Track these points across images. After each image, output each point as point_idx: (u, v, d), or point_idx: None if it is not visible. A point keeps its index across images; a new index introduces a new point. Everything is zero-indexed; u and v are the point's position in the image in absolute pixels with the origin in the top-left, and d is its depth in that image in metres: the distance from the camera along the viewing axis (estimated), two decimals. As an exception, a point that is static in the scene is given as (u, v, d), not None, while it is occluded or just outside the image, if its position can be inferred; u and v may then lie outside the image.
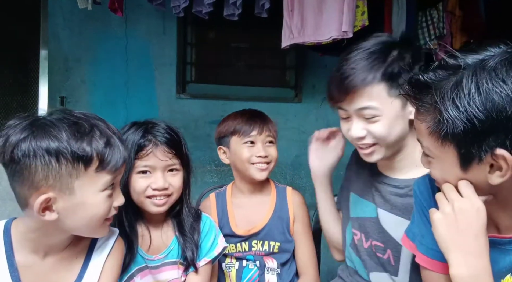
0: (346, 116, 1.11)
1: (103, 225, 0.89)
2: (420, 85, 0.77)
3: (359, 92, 1.03)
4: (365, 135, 1.07)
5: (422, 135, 0.79)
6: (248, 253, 1.46)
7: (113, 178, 0.85)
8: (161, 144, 1.13)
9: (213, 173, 3.19)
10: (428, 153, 0.80)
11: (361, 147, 1.11)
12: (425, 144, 0.80)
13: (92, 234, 0.91)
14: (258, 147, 1.42)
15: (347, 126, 1.12)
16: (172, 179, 1.15)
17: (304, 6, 2.16)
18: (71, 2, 2.46)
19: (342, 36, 2.09)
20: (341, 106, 1.10)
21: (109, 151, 0.82)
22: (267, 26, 2.54)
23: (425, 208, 0.93)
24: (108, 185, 0.84)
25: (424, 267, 0.94)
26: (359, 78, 1.03)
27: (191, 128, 3.13)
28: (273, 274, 1.44)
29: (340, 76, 1.05)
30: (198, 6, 2.36)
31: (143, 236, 1.19)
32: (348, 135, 1.13)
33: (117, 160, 0.83)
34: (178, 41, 3.21)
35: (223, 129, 1.49)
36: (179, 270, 1.20)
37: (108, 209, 0.87)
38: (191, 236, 1.20)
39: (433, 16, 2.87)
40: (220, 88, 3.34)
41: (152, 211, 1.15)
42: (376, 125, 1.05)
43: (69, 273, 0.90)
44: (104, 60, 3.05)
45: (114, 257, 0.97)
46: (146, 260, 1.17)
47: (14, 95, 3.01)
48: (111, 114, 3.02)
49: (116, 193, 0.89)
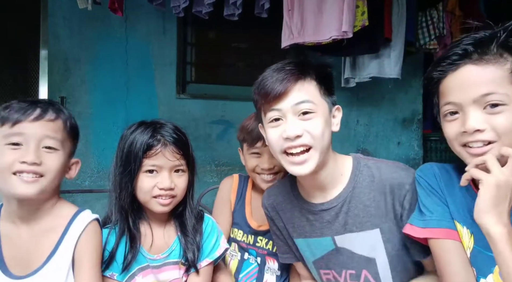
0: (279, 117, 1.06)
1: (12, 178, 0.95)
2: (482, 41, 0.89)
3: (296, 87, 1.05)
4: (301, 134, 1.03)
5: (497, 82, 0.87)
6: (251, 247, 1.47)
7: (15, 133, 0.95)
8: (169, 144, 1.13)
9: (213, 173, 3.19)
10: (503, 101, 0.86)
11: (293, 154, 1.05)
12: (502, 91, 0.86)
13: (8, 189, 0.97)
14: (264, 159, 1.40)
15: (280, 129, 1.06)
16: (178, 180, 1.16)
17: (304, 6, 2.17)
18: (71, 2, 2.46)
19: (342, 36, 2.09)
20: (275, 107, 1.06)
21: (12, 109, 0.96)
22: (267, 26, 2.54)
23: (433, 189, 1.03)
24: (9, 140, 0.95)
25: (438, 238, 0.99)
26: (294, 76, 1.06)
27: (191, 128, 3.13)
28: (273, 275, 1.44)
29: (276, 78, 1.06)
30: (198, 6, 2.36)
31: (145, 235, 1.19)
32: (280, 139, 1.05)
33: (13, 116, 0.96)
34: (178, 41, 3.21)
35: (238, 133, 1.49)
36: (180, 270, 1.20)
37: (11, 161, 0.95)
38: (193, 237, 1.20)
39: (433, 16, 2.88)
40: (220, 88, 3.34)
41: (157, 211, 1.16)
42: (311, 122, 1.04)
43: (45, 244, 1.01)
44: (104, 60, 3.05)
45: (91, 241, 1.04)
46: (148, 259, 1.18)
47: (14, 95, 3.01)
48: (111, 114, 3.03)
49: (25, 149, 0.96)
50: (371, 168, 1.14)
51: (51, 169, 0.99)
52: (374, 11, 2.30)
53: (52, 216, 1.04)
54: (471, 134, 0.90)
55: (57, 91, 2.98)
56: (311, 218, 1.18)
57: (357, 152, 3.63)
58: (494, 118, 0.88)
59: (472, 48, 0.90)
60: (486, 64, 0.88)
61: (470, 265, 0.97)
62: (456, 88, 0.92)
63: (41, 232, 1.02)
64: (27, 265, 1.00)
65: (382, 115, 3.66)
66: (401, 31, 2.70)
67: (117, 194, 1.15)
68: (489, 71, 0.88)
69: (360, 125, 3.62)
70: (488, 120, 0.88)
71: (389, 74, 2.82)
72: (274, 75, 1.06)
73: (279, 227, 1.28)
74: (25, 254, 1.00)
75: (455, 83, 0.92)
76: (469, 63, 0.90)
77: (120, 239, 1.14)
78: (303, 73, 1.07)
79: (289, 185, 1.26)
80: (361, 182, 1.13)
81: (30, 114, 0.96)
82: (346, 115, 3.55)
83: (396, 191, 1.09)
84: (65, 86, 3.00)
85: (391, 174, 1.11)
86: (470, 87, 0.90)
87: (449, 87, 0.93)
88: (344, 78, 3.05)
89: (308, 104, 1.05)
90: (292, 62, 1.10)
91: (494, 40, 0.89)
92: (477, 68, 0.89)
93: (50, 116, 0.99)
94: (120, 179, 1.14)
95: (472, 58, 0.90)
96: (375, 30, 2.47)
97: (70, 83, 3.01)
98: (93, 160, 3.00)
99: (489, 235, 0.83)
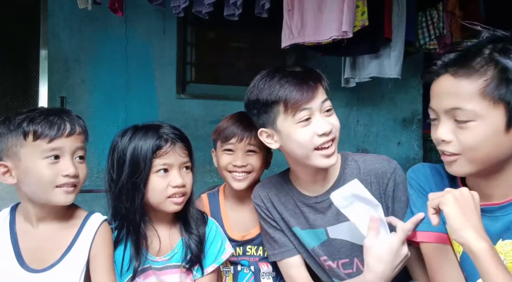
0: (309, 116, 1.10)
1: (55, 191, 1.01)
2: (465, 53, 0.88)
3: (318, 89, 1.13)
4: (331, 129, 1.12)
5: (465, 98, 0.85)
6: (243, 258, 1.44)
7: (54, 148, 1.00)
8: (178, 141, 1.15)
9: (213, 172, 3.18)
10: (469, 117, 0.86)
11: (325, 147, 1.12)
12: (469, 107, 0.85)
13: (48, 199, 1.02)
14: (238, 155, 1.36)
15: (311, 128, 1.11)
16: (187, 177, 1.17)
17: (304, 6, 2.16)
18: (71, 2, 2.46)
19: (342, 36, 2.09)
20: (306, 107, 1.09)
21: (43, 124, 1.00)
22: (267, 26, 2.54)
23: (424, 190, 1.03)
24: (48, 154, 1.00)
25: (428, 242, 1.00)
26: (312, 79, 1.12)
27: (191, 128, 3.12)
28: (269, 278, 1.43)
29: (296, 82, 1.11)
30: (198, 6, 2.36)
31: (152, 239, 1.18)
32: (314, 136, 1.10)
33: (49, 132, 1.00)
34: (178, 41, 3.21)
35: (213, 134, 1.45)
36: (182, 274, 1.20)
37: (54, 176, 1.00)
38: (197, 238, 1.20)
39: (433, 16, 2.87)
40: (220, 88, 3.34)
41: (170, 210, 1.16)
42: (333, 118, 1.15)
43: (61, 241, 1.06)
44: (104, 60, 3.05)
45: (104, 240, 1.09)
46: (150, 261, 1.17)
47: (14, 95, 3.01)
48: (111, 114, 3.03)
49: (64, 163, 1.02)
50: (357, 161, 1.23)
51: (82, 178, 1.07)
52: (374, 11, 2.30)
53: (67, 216, 1.09)
54: (439, 143, 0.92)
55: (57, 91, 2.98)
56: (305, 210, 1.24)
57: (357, 152, 3.64)
58: (461, 132, 0.88)
59: (454, 57, 0.90)
60: (460, 76, 0.87)
61: (460, 270, 0.97)
62: (434, 95, 0.93)
63: (57, 229, 1.07)
64: (43, 260, 1.03)
65: (382, 115, 3.66)
66: (401, 31, 2.70)
67: (124, 201, 1.13)
68: (461, 84, 0.86)
69: (360, 125, 3.62)
70: (456, 133, 0.89)
71: (389, 74, 2.82)
72: (293, 80, 1.10)
73: (275, 219, 1.29)
74: (41, 249, 1.04)
75: (434, 91, 0.93)
76: (447, 73, 0.89)
77: (120, 244, 1.14)
78: (314, 77, 1.14)
79: (282, 179, 1.31)
80: (349, 174, 1.20)
81: (64, 129, 1.02)
82: (346, 115, 3.55)
83: (379, 179, 1.18)
84: (65, 86, 3.00)
85: (374, 165, 1.20)
86: (443, 97, 0.90)
87: (432, 93, 0.94)
88: (344, 78, 3.04)
89: (329, 101, 1.14)
90: (302, 68, 1.17)
91: (477, 52, 0.87)
92: (452, 79, 0.88)
93: (78, 130, 1.06)
94: (129, 185, 1.12)
95: (450, 68, 0.89)
96: (375, 30, 2.47)
97: (70, 83, 3.01)
98: (93, 160, 2.99)
99: (472, 251, 0.81)
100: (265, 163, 1.44)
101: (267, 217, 1.30)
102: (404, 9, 2.69)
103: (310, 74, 1.13)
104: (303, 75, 1.11)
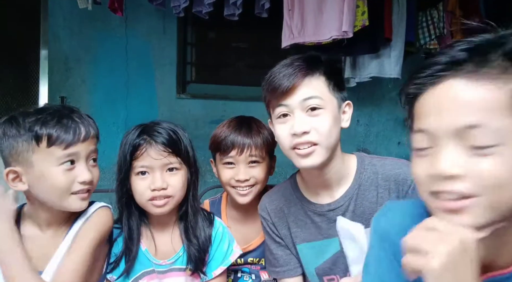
0: (287, 112, 1.06)
1: (71, 198, 0.99)
2: (482, 46, 0.61)
3: (304, 82, 1.05)
4: (309, 130, 1.03)
5: (489, 111, 0.57)
6: (244, 266, 1.41)
7: (69, 154, 0.96)
8: (155, 143, 1.09)
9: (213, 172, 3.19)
10: (492, 140, 0.57)
11: (299, 148, 1.05)
12: (495, 124, 0.57)
13: (63, 206, 0.99)
14: (239, 169, 1.28)
15: (288, 126, 1.06)
16: (171, 179, 1.11)
17: (304, 6, 2.16)
18: (71, 2, 2.46)
19: (342, 36, 2.09)
20: (282, 103, 1.06)
21: (58, 129, 0.95)
22: (267, 26, 2.53)
23: (398, 252, 0.65)
24: (64, 160, 0.96)
25: None
26: (302, 72, 1.05)
27: (191, 128, 3.11)
28: None
29: (283, 73, 1.06)
30: (198, 6, 2.36)
31: (149, 240, 1.18)
32: (289, 135, 1.05)
33: (65, 138, 0.95)
34: (178, 41, 3.21)
35: (210, 142, 1.38)
36: (187, 277, 1.17)
37: (69, 182, 0.97)
38: (198, 241, 1.16)
39: (433, 16, 2.87)
40: (220, 88, 3.33)
41: (155, 213, 1.13)
42: (319, 119, 1.04)
43: (64, 246, 1.02)
44: (104, 60, 3.05)
45: (91, 221, 1.05)
46: (154, 264, 1.16)
47: (14, 95, 3.01)
48: (111, 114, 3.03)
49: (80, 168, 0.99)
50: (375, 165, 1.14)
51: (95, 182, 1.05)
52: (374, 11, 2.30)
53: (73, 217, 1.07)
54: (442, 180, 0.60)
55: (57, 91, 2.98)
56: (317, 219, 1.16)
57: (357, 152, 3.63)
58: (479, 162, 0.58)
59: (465, 54, 0.60)
60: (482, 79, 0.58)
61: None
62: (430, 112, 0.62)
63: (63, 233, 1.05)
64: (45, 261, 1.01)
65: (382, 115, 3.65)
66: (401, 31, 2.70)
67: (117, 198, 1.15)
68: (484, 91, 0.58)
69: (360, 125, 3.62)
70: (469, 164, 0.58)
71: (389, 74, 2.82)
72: (282, 71, 1.06)
73: (281, 235, 1.22)
74: (48, 253, 1.02)
75: (431, 105, 0.62)
76: (458, 76, 0.59)
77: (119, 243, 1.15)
78: (312, 68, 1.06)
79: (290, 187, 1.23)
80: (366, 180, 1.13)
81: (80, 134, 0.98)
82: (346, 115, 3.55)
83: (399, 186, 1.09)
84: (65, 86, 3.00)
85: (395, 170, 1.11)
86: (451, 112, 0.59)
87: (424, 109, 0.63)
88: (344, 78, 3.05)
89: (316, 100, 1.04)
90: (301, 58, 1.09)
91: (499, 47, 0.59)
92: (468, 84, 0.59)
93: (92, 133, 1.03)
94: (118, 183, 1.13)
95: (464, 68, 0.60)
96: (375, 30, 2.46)
97: (70, 83, 3.01)
98: (93, 160, 3.00)
99: None
100: (270, 169, 1.37)
101: (271, 232, 1.24)
102: (404, 9, 2.69)
103: (301, 67, 1.06)
104: (292, 69, 1.06)
